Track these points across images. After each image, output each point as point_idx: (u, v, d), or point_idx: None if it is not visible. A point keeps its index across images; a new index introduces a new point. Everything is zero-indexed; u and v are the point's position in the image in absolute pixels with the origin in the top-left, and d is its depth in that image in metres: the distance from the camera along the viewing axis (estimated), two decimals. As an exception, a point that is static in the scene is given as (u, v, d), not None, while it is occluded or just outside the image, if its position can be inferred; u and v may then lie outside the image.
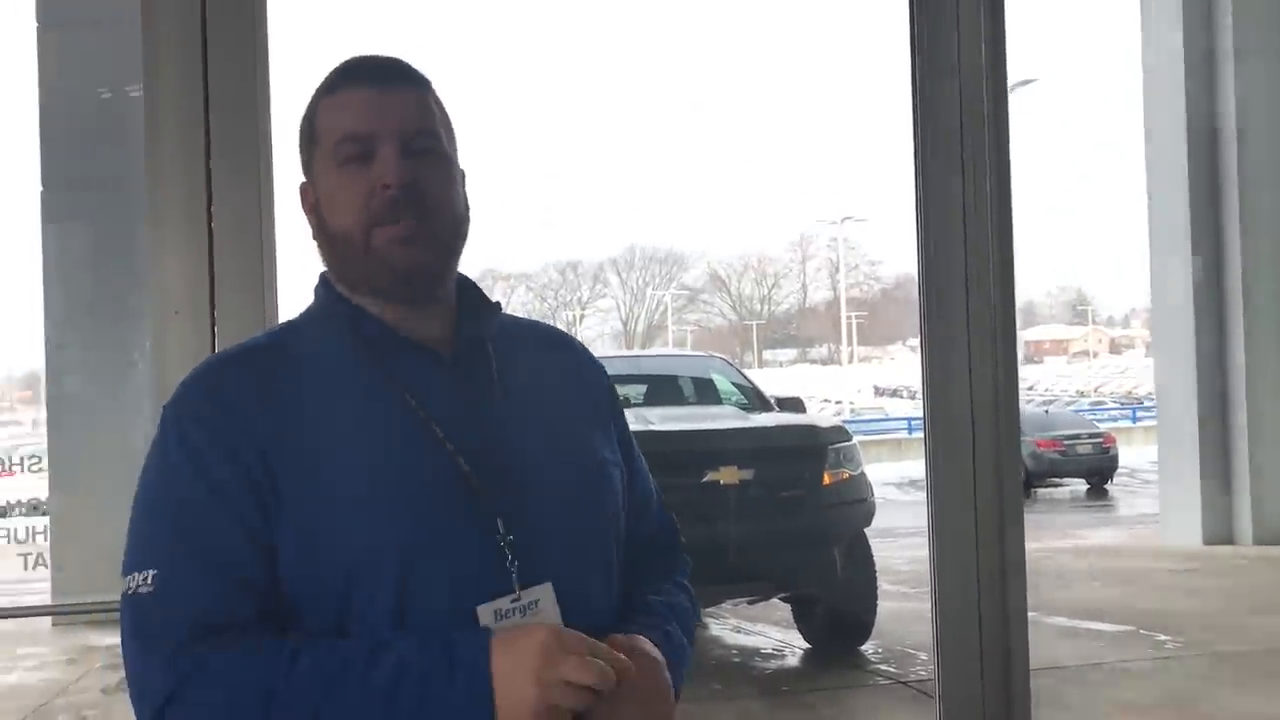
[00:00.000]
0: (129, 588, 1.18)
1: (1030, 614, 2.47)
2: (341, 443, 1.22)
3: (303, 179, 1.34)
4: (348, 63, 1.32)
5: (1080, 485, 16.56)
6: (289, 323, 1.36)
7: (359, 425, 1.23)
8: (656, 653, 1.25)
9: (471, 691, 1.11)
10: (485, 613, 1.19)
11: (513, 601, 1.20)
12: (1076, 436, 16.36)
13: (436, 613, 1.18)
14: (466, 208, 1.32)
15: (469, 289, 1.36)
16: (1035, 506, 15.15)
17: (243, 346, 1.33)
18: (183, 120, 2.15)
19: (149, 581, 1.17)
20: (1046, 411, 20.34)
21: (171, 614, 1.15)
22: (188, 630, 1.14)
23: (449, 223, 1.28)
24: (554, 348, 1.44)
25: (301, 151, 1.33)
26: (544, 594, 1.22)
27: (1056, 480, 16.54)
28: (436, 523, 1.20)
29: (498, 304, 1.37)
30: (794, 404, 7.37)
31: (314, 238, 1.32)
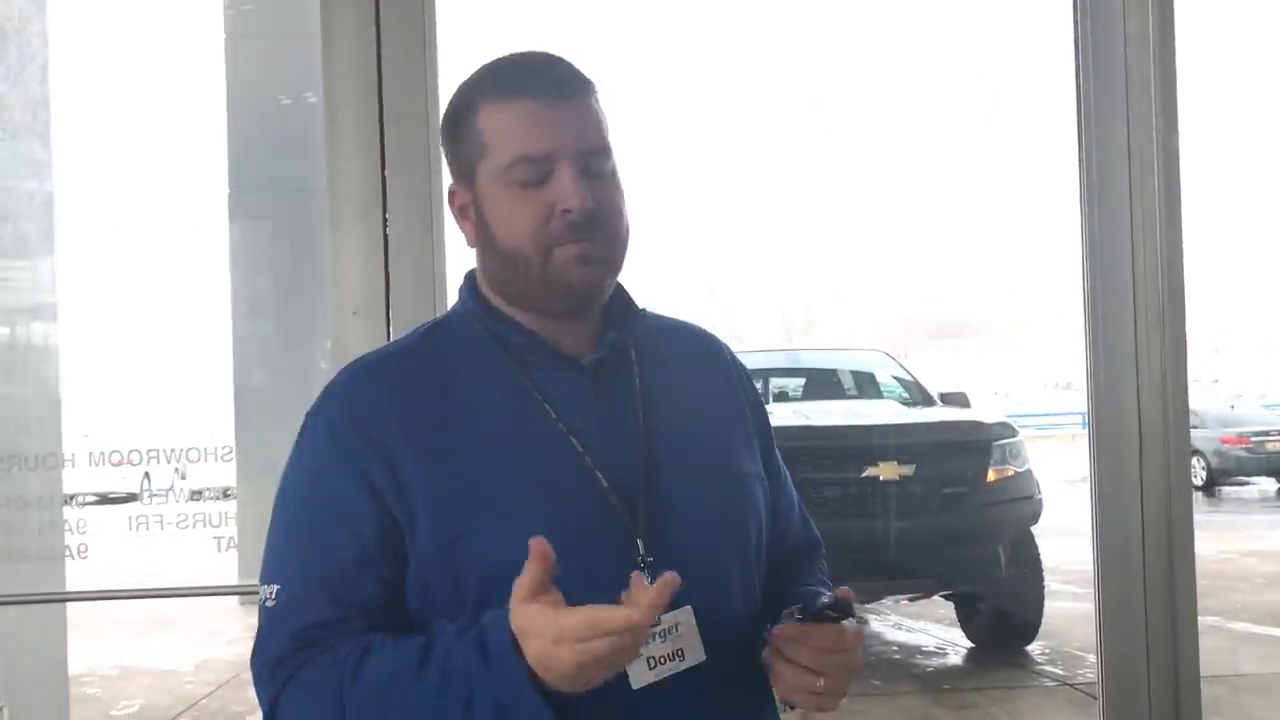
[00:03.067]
0: (263, 599, 1.19)
1: (1211, 619, 2.39)
2: (479, 454, 1.18)
3: (451, 180, 1.28)
4: (512, 65, 1.25)
5: (1270, 484, 15.66)
6: (435, 323, 1.32)
7: (497, 437, 1.20)
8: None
9: (509, 674, 1.03)
10: None
11: (653, 627, 1.11)
12: (1266, 433, 15.45)
13: None
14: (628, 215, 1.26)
15: (616, 293, 1.31)
16: (1220, 506, 14.41)
17: (388, 350, 1.30)
18: (359, 128, 2.23)
19: (274, 596, 1.18)
20: (1232, 406, 19.26)
21: (285, 629, 1.16)
22: (289, 643, 1.15)
23: (621, 242, 1.24)
24: (700, 352, 1.39)
25: (453, 149, 1.26)
26: (684, 618, 1.17)
27: (1243, 479, 15.67)
28: (572, 542, 1.11)
29: (643, 309, 1.32)
30: (958, 399, 7.22)
31: (472, 245, 1.28)
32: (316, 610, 1.16)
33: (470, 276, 1.31)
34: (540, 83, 1.21)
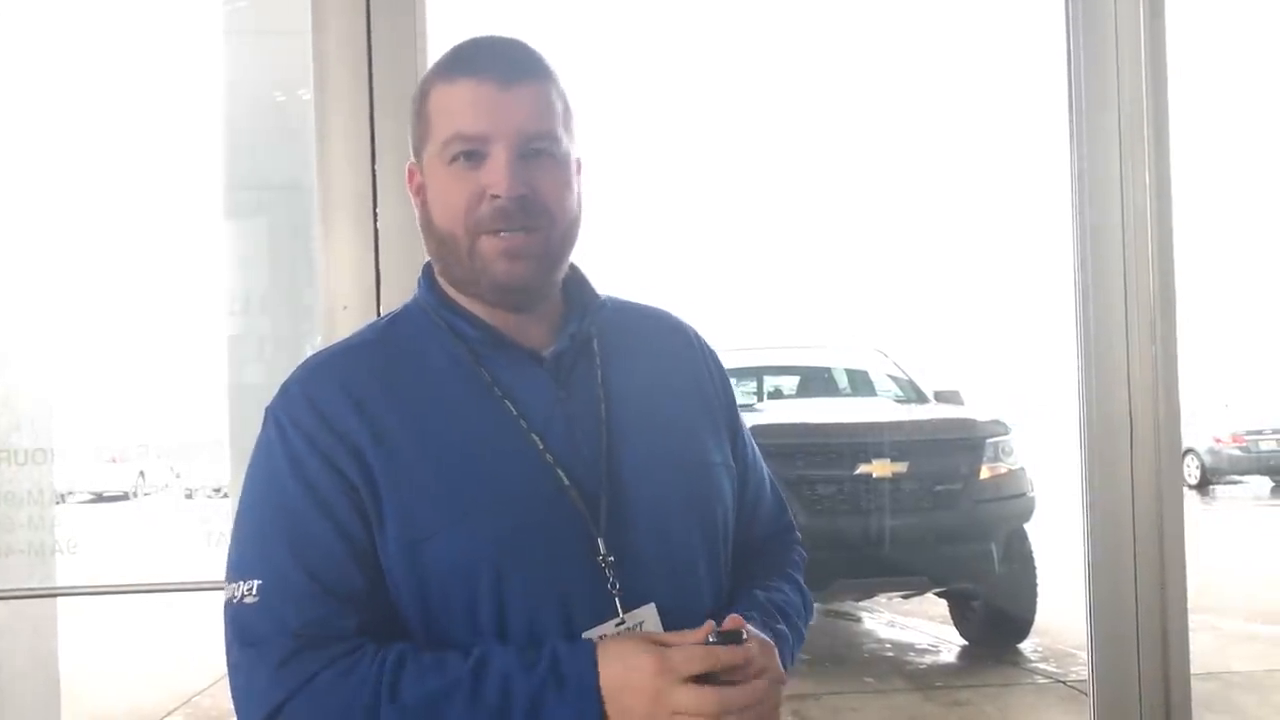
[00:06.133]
0: (234, 596, 1.15)
1: (1204, 617, 2.38)
2: (438, 453, 1.16)
3: (411, 158, 1.27)
4: (466, 47, 1.22)
5: (1264, 483, 15.69)
6: (394, 316, 1.30)
7: (457, 434, 1.17)
8: (764, 635, 1.17)
9: (582, 713, 1.07)
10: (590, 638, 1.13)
11: (617, 625, 1.14)
12: (1260, 431, 15.47)
13: (538, 632, 1.13)
14: (580, 206, 1.23)
15: (577, 282, 1.29)
16: (1213, 505, 14.44)
17: (346, 344, 1.27)
18: (349, 123, 2.23)
19: (254, 592, 1.14)
20: (1226, 405, 19.30)
21: (276, 625, 1.12)
22: (292, 642, 1.11)
23: (559, 232, 1.20)
24: (666, 339, 1.36)
25: (411, 131, 1.25)
26: (648, 615, 1.16)
27: (1237, 478, 15.70)
28: (532, 540, 1.14)
29: (604, 300, 1.29)
30: (951, 396, 7.22)
31: (420, 225, 1.25)
32: (313, 605, 1.13)
33: (428, 268, 1.29)
34: (489, 64, 1.19)
